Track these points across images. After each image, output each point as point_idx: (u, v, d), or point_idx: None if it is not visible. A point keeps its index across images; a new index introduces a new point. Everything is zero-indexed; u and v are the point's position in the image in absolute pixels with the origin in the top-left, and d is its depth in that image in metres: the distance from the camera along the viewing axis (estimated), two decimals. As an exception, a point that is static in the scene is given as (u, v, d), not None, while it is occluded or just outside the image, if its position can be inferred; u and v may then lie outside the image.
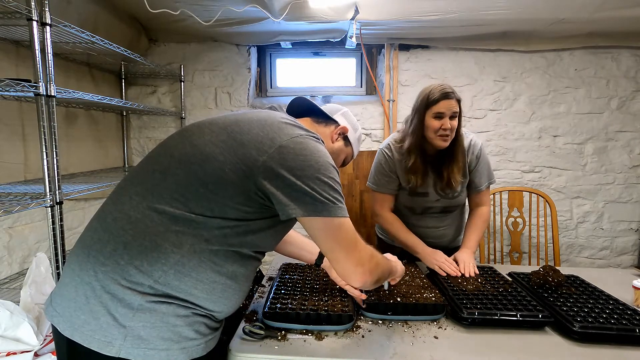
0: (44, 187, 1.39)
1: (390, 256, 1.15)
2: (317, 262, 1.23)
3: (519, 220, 2.22)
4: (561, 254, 2.71)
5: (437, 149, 1.47)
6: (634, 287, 1.24)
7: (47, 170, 1.38)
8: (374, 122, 2.66)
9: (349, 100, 2.74)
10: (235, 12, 2.00)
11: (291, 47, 2.70)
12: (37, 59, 1.33)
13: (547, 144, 2.64)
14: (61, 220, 1.42)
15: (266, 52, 2.82)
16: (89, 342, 0.73)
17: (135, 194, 0.82)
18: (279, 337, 0.99)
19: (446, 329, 1.07)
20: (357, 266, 0.87)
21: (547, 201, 2.16)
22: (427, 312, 1.12)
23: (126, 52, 1.83)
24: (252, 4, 1.91)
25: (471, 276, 1.36)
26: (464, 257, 1.44)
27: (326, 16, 2.06)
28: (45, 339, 1.18)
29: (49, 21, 1.36)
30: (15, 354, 1.11)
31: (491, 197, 2.27)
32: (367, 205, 2.64)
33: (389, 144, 1.57)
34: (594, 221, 2.70)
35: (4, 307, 1.11)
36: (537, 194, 2.21)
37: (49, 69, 1.38)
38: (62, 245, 1.42)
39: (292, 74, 2.89)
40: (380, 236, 1.79)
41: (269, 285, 1.35)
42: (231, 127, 0.85)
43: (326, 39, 2.51)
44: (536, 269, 1.34)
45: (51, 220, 1.39)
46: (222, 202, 0.79)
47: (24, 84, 1.28)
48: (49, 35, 1.37)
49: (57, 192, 1.41)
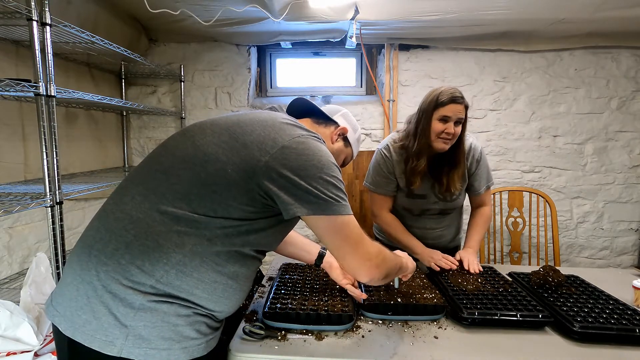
0: (44, 187, 1.39)
1: (400, 253, 1.15)
2: (316, 263, 1.23)
3: (519, 220, 2.22)
4: (561, 254, 2.71)
5: (438, 154, 1.45)
6: (634, 287, 1.24)
7: (47, 170, 1.38)
8: (374, 122, 2.66)
9: (349, 100, 2.74)
10: (235, 12, 2.00)
11: (291, 47, 2.70)
12: (37, 59, 1.33)
13: (547, 144, 2.64)
14: (61, 220, 1.42)
15: (266, 52, 2.82)
16: (91, 341, 0.73)
17: (137, 194, 0.82)
18: (279, 337, 0.99)
19: (446, 329, 1.07)
20: (365, 261, 0.88)
21: (547, 201, 2.16)
22: (427, 312, 1.12)
23: (126, 52, 1.83)
24: (252, 4, 1.91)
25: (472, 276, 1.36)
26: (467, 255, 1.44)
27: (326, 16, 2.06)
28: (45, 339, 1.18)
29: (49, 21, 1.36)
30: (15, 354, 1.11)
31: (491, 197, 2.27)
32: (367, 205, 2.64)
33: (388, 144, 1.55)
34: (594, 221, 2.70)
35: (4, 307, 1.11)
36: (537, 194, 2.21)
37: (49, 69, 1.38)
38: (62, 245, 1.43)
39: (292, 74, 2.89)
40: (378, 237, 1.79)
41: (269, 285, 1.35)
42: (233, 128, 0.86)
43: (326, 39, 2.51)
44: (536, 269, 1.34)
45: (51, 220, 1.39)
46: (226, 202, 0.79)
47: (24, 84, 1.28)
48: (49, 35, 1.37)
49: (57, 192, 1.41)
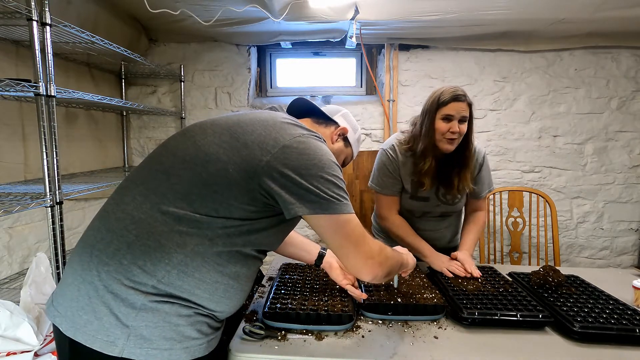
0: (44, 187, 1.39)
1: (400, 249, 1.15)
2: (316, 263, 1.23)
3: (519, 220, 2.22)
4: (561, 254, 2.71)
5: (446, 155, 1.43)
6: (634, 287, 1.24)
7: (47, 170, 1.38)
8: (374, 122, 2.66)
9: (349, 100, 2.74)
10: (235, 12, 2.00)
11: (291, 47, 2.70)
12: (37, 59, 1.33)
13: (547, 144, 2.64)
14: (61, 220, 1.42)
15: (266, 52, 2.82)
16: (92, 342, 0.73)
17: (138, 194, 0.82)
18: (279, 337, 0.99)
19: (446, 329, 1.07)
20: (367, 259, 0.88)
21: (547, 201, 2.16)
22: (427, 312, 1.12)
23: (126, 52, 1.83)
24: (252, 4, 1.91)
25: (472, 276, 1.36)
26: (466, 258, 1.43)
27: (326, 16, 2.06)
28: (45, 339, 1.18)
29: (49, 21, 1.36)
30: (15, 354, 1.11)
31: (491, 197, 2.27)
32: (367, 205, 2.64)
33: (393, 145, 1.52)
34: (594, 221, 2.70)
35: (4, 307, 1.11)
36: (537, 194, 2.21)
37: (49, 69, 1.38)
38: (62, 245, 1.42)
39: (292, 74, 2.89)
40: (377, 237, 1.79)
41: (269, 285, 1.35)
42: (234, 128, 0.86)
43: (326, 39, 2.51)
44: (536, 269, 1.34)
45: (51, 220, 1.39)
46: (227, 202, 0.79)
47: (24, 84, 1.28)
48: (49, 35, 1.37)
49: (57, 192, 1.41)
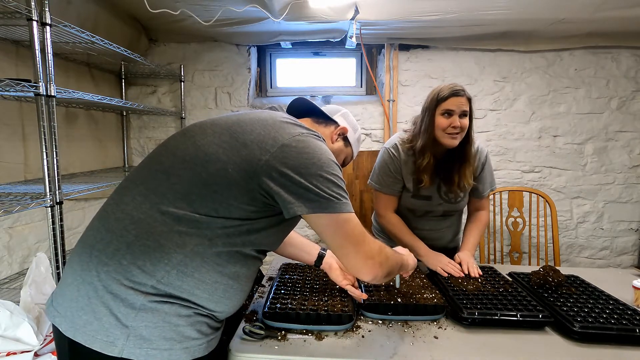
0: (44, 187, 1.39)
1: (401, 249, 1.14)
2: (316, 263, 1.23)
3: (519, 220, 2.22)
4: (561, 254, 2.71)
5: (446, 151, 1.44)
6: (634, 287, 1.24)
7: (47, 170, 1.38)
8: (374, 122, 2.66)
9: (349, 100, 2.74)
10: (235, 12, 2.00)
11: (291, 47, 2.70)
12: (37, 59, 1.33)
13: (547, 144, 2.64)
14: (61, 220, 1.42)
15: (266, 52, 2.82)
16: (91, 342, 0.73)
17: (138, 194, 0.82)
18: (279, 337, 0.99)
19: (446, 329, 1.07)
20: (367, 259, 0.87)
21: (547, 201, 2.16)
22: (427, 312, 1.12)
23: (126, 52, 1.83)
24: (252, 4, 1.91)
25: (473, 276, 1.36)
26: (467, 258, 1.43)
27: (326, 16, 2.06)
28: (45, 339, 1.18)
29: (49, 21, 1.36)
30: (15, 354, 1.11)
31: (491, 197, 2.27)
32: (367, 205, 2.64)
33: (396, 143, 1.52)
34: (594, 221, 2.70)
35: (4, 307, 1.11)
36: (537, 194, 2.21)
37: (49, 69, 1.38)
38: (62, 245, 1.42)
39: (292, 74, 2.89)
40: (377, 237, 1.79)
41: (269, 285, 1.35)
42: (233, 128, 0.85)
43: (326, 39, 2.51)
44: (536, 269, 1.34)
45: (51, 220, 1.39)
46: (227, 202, 0.79)
47: (24, 84, 1.28)
48: (49, 35, 1.37)
49: (57, 192, 1.41)
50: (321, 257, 1.22)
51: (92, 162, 2.26)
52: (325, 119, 1.10)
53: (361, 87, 2.85)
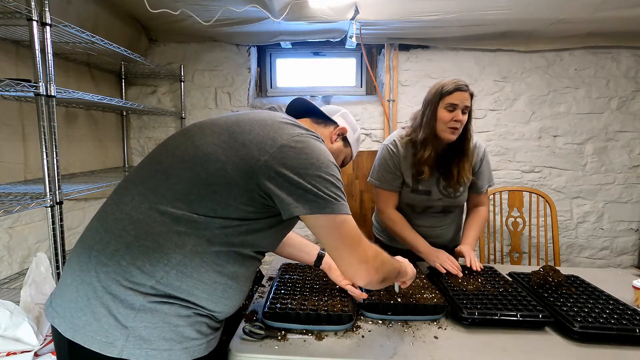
0: (44, 187, 1.39)
1: (400, 258, 1.12)
2: (315, 263, 1.23)
3: (519, 220, 2.22)
4: (561, 254, 2.71)
5: (446, 146, 1.46)
6: (634, 287, 1.24)
7: (47, 170, 1.38)
8: (374, 122, 2.66)
9: (348, 100, 2.74)
10: (235, 12, 2.00)
11: (291, 47, 2.70)
12: (37, 59, 1.33)
13: (547, 144, 2.64)
14: (61, 220, 1.42)
15: (266, 52, 2.82)
16: (91, 343, 0.73)
17: (137, 194, 0.82)
18: (279, 337, 0.99)
19: (446, 329, 1.07)
20: (362, 263, 0.86)
21: (547, 201, 2.16)
22: (427, 312, 1.12)
23: (126, 52, 1.83)
24: (252, 4, 1.91)
25: (472, 276, 1.36)
26: (469, 251, 1.44)
27: (326, 16, 2.06)
28: (45, 339, 1.18)
29: (49, 21, 1.36)
30: (15, 354, 1.11)
31: (491, 197, 2.27)
32: (367, 205, 2.64)
33: (394, 139, 1.54)
34: (594, 221, 2.70)
35: (4, 307, 1.11)
36: (537, 194, 2.21)
37: (49, 69, 1.38)
38: (62, 245, 1.42)
39: (292, 74, 2.89)
40: (378, 237, 1.79)
41: (269, 285, 1.35)
42: (232, 128, 0.85)
43: (326, 39, 2.51)
44: (536, 269, 1.34)
45: (51, 220, 1.39)
46: (225, 202, 0.79)
47: (24, 84, 1.28)
48: (49, 35, 1.37)
49: (57, 192, 1.41)
50: (321, 257, 1.22)
51: (92, 162, 2.26)
52: (324, 119, 1.10)
53: (361, 87, 2.85)
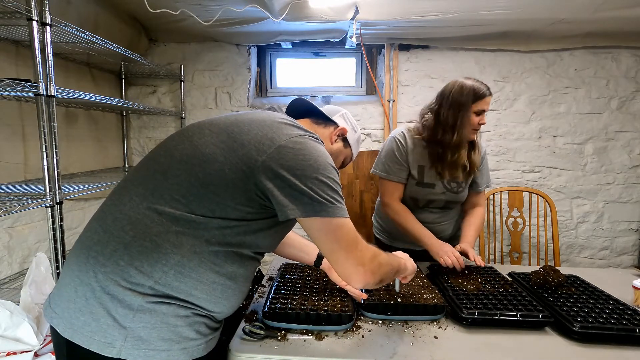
0: (44, 187, 1.39)
1: (401, 254, 1.12)
2: (315, 264, 1.23)
3: (519, 220, 2.22)
4: (561, 254, 2.71)
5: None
6: (634, 287, 1.24)
7: (47, 170, 1.38)
8: (374, 122, 2.66)
9: (348, 100, 2.74)
10: (235, 12, 2.00)
11: (291, 47, 2.70)
12: (37, 59, 1.33)
13: (547, 144, 2.64)
14: (61, 220, 1.42)
15: (266, 52, 2.82)
16: (89, 343, 0.73)
17: (135, 195, 0.81)
18: (279, 337, 0.99)
19: (446, 329, 1.07)
20: (358, 266, 0.85)
21: (547, 201, 2.16)
22: (427, 312, 1.12)
23: (126, 52, 1.83)
24: (252, 4, 1.91)
25: (472, 276, 1.36)
26: (469, 248, 1.44)
27: (326, 16, 2.06)
28: (45, 339, 1.18)
29: (49, 21, 1.36)
30: (15, 354, 1.11)
31: (491, 197, 2.27)
32: (367, 205, 2.64)
33: (402, 132, 1.56)
34: (594, 221, 2.70)
35: (4, 307, 1.11)
36: (537, 194, 2.21)
37: (49, 69, 1.38)
38: (62, 245, 1.43)
39: (292, 74, 2.89)
40: (378, 237, 1.78)
41: (269, 285, 1.35)
42: (231, 128, 0.85)
43: (326, 39, 2.51)
44: (536, 269, 1.34)
45: (51, 220, 1.39)
46: (223, 202, 0.79)
47: (24, 84, 1.28)
48: (49, 35, 1.37)
49: (57, 192, 1.41)
50: (321, 257, 1.22)
51: (92, 162, 2.26)
52: (324, 120, 1.10)
53: (361, 87, 2.85)
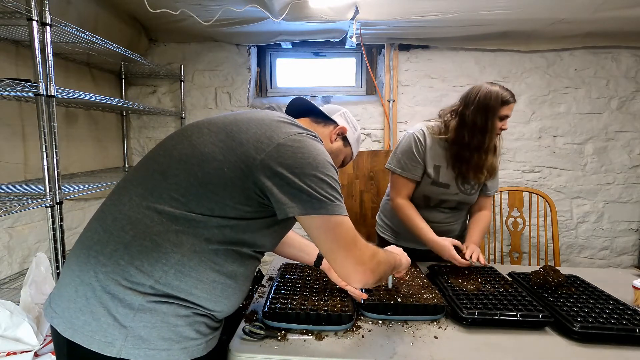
0: (44, 187, 1.39)
1: (395, 249, 1.13)
2: (315, 264, 1.23)
3: (519, 220, 2.22)
4: (561, 254, 2.71)
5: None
6: (634, 287, 1.24)
7: (47, 170, 1.38)
8: (374, 122, 2.66)
9: (348, 100, 2.74)
10: (235, 12, 2.00)
11: (291, 47, 2.70)
12: (37, 59, 1.33)
13: (547, 144, 2.64)
14: (61, 220, 1.43)
15: (266, 52, 2.82)
16: (90, 343, 0.73)
17: (135, 195, 0.81)
18: (279, 337, 0.99)
19: (446, 329, 1.07)
20: (357, 265, 0.85)
21: (547, 201, 2.15)
22: (427, 312, 1.12)
23: (126, 52, 1.83)
24: (252, 4, 1.91)
25: (472, 276, 1.36)
26: (475, 248, 1.45)
27: (326, 16, 2.06)
28: (45, 339, 1.18)
29: (49, 21, 1.36)
30: (15, 354, 1.11)
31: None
32: (367, 205, 2.64)
33: (422, 129, 1.55)
34: (594, 221, 2.70)
35: (4, 307, 1.11)
36: (537, 194, 2.21)
37: (49, 69, 1.38)
38: (62, 245, 1.43)
39: (292, 74, 2.89)
40: (381, 235, 1.78)
41: (269, 285, 1.35)
42: (230, 127, 0.85)
43: (326, 39, 2.51)
44: (536, 269, 1.34)
45: (51, 220, 1.39)
46: (222, 201, 0.79)
47: (24, 84, 1.28)
48: (49, 35, 1.37)
49: (57, 192, 1.41)
50: (321, 257, 1.22)
51: (92, 162, 2.26)
52: (324, 119, 1.10)
53: (361, 87, 2.85)
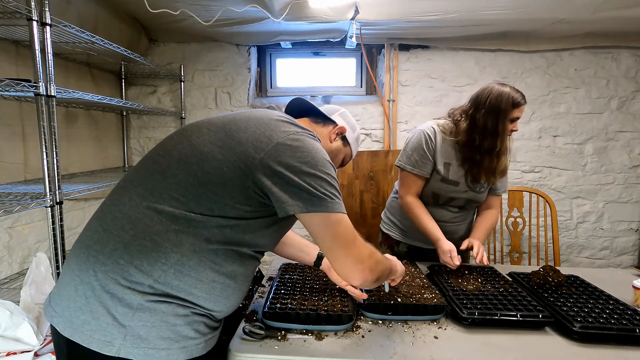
0: (44, 187, 1.39)
1: (389, 256, 1.14)
2: (315, 264, 1.23)
3: (519, 220, 2.21)
4: (561, 254, 2.71)
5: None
6: (634, 287, 1.24)
7: (47, 170, 1.38)
8: (374, 122, 2.66)
9: (348, 100, 2.74)
10: (235, 12, 2.00)
11: (291, 47, 2.70)
12: (37, 59, 1.33)
13: (547, 144, 2.64)
14: (61, 220, 1.43)
15: (266, 52, 2.82)
16: (89, 342, 0.73)
17: (135, 194, 0.82)
18: (279, 337, 0.99)
19: (446, 329, 1.07)
20: (357, 263, 0.86)
21: (547, 201, 2.15)
22: (427, 312, 1.12)
23: (126, 52, 1.83)
24: (252, 4, 1.91)
25: (472, 276, 1.36)
26: (479, 245, 1.44)
27: (326, 16, 2.06)
28: (45, 339, 1.18)
29: (49, 21, 1.36)
30: (15, 354, 1.11)
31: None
32: (367, 205, 2.64)
33: (433, 127, 1.55)
34: (594, 221, 2.70)
35: (4, 307, 1.11)
36: (537, 194, 2.21)
37: (49, 69, 1.39)
38: (62, 245, 1.43)
39: (292, 74, 2.89)
40: (385, 231, 1.77)
41: (269, 285, 1.35)
42: (229, 126, 0.86)
43: (326, 39, 2.51)
44: (536, 269, 1.34)
45: (51, 220, 1.39)
46: (222, 201, 0.79)
47: (24, 84, 1.28)
48: (49, 35, 1.37)
49: (57, 192, 1.41)
50: (320, 257, 1.22)
51: (92, 162, 2.26)
52: (323, 119, 1.10)
53: (361, 87, 2.85)
